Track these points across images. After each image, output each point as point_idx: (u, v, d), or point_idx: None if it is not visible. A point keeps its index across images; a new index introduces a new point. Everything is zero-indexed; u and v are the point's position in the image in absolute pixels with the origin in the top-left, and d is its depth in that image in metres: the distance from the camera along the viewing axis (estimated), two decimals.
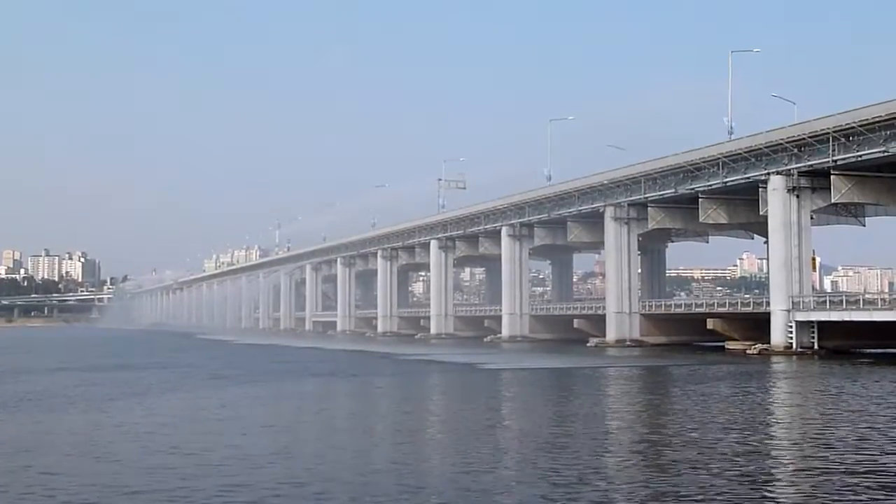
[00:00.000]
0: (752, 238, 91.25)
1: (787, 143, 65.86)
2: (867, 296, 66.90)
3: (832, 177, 64.47)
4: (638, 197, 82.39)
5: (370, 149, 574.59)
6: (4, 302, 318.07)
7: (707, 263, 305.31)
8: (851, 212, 73.89)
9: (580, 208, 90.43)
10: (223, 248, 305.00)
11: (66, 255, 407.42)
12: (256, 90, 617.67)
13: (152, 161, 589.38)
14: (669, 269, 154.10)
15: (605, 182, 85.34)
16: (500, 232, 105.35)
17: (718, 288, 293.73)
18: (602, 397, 36.66)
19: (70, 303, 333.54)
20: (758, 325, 69.51)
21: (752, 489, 17.40)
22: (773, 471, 19.57)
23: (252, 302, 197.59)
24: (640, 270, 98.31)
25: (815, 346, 63.54)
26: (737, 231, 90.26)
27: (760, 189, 68.53)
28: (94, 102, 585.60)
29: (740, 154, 69.68)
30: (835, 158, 62.87)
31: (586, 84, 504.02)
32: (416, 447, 23.15)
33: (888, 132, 59.05)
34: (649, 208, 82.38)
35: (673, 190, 77.98)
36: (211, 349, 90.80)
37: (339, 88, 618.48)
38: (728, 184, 72.13)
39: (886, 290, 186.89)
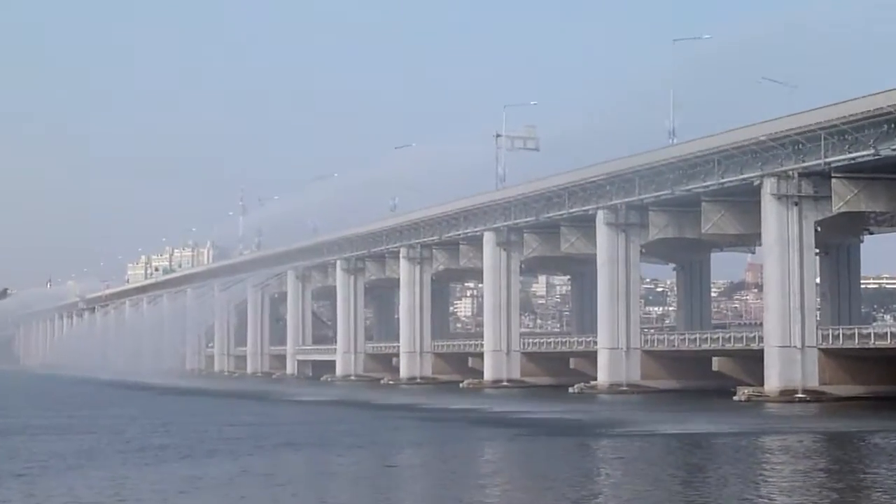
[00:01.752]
0: None
1: None
2: None
3: None
4: (813, 162, 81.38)
5: (387, 89, 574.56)
6: None
7: None
8: None
9: (721, 180, 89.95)
10: (157, 246, 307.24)
11: None
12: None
13: (48, 121, 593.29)
14: (866, 278, 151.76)
15: (761, 138, 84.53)
16: (593, 218, 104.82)
17: None
18: (756, 486, 36.00)
19: None
20: None
21: None
22: None
23: (203, 329, 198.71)
24: (818, 279, 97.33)
25: None
26: None
27: None
28: None
29: None
30: None
31: None
32: None
33: None
34: (833, 180, 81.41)
35: (870, 151, 76.61)
36: (135, 403, 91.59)
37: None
38: None
39: None
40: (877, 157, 77.06)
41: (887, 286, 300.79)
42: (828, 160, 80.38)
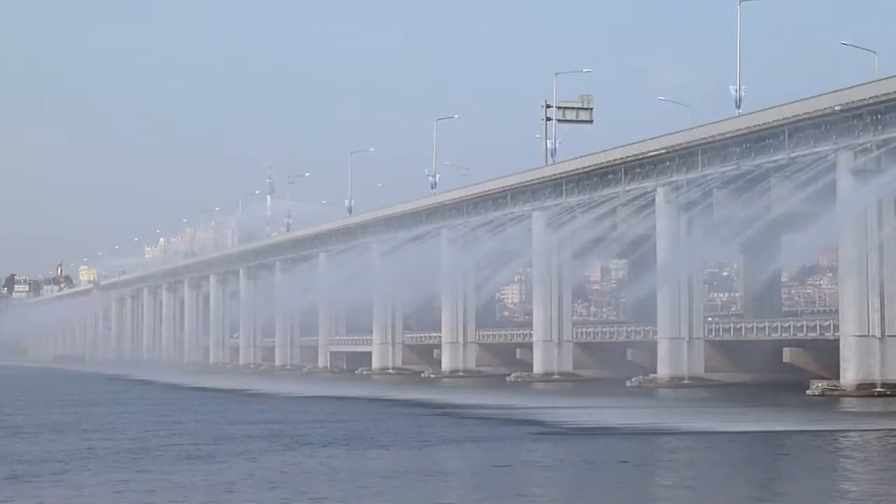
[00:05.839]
0: None
1: None
2: None
3: None
4: (894, 133, 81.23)
5: (426, 55, 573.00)
6: None
7: None
8: None
9: (792, 154, 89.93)
10: (176, 227, 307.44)
11: None
12: None
13: (59, 95, 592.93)
14: None
15: (836, 108, 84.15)
16: (652, 195, 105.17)
17: None
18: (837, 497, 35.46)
19: None
20: None
21: None
22: None
23: (227, 320, 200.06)
24: None
25: None
26: None
27: None
28: None
29: None
30: None
31: None
32: None
33: None
34: None
35: None
36: (148, 399, 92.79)
37: None
38: None
39: None
40: None
41: None
42: None
